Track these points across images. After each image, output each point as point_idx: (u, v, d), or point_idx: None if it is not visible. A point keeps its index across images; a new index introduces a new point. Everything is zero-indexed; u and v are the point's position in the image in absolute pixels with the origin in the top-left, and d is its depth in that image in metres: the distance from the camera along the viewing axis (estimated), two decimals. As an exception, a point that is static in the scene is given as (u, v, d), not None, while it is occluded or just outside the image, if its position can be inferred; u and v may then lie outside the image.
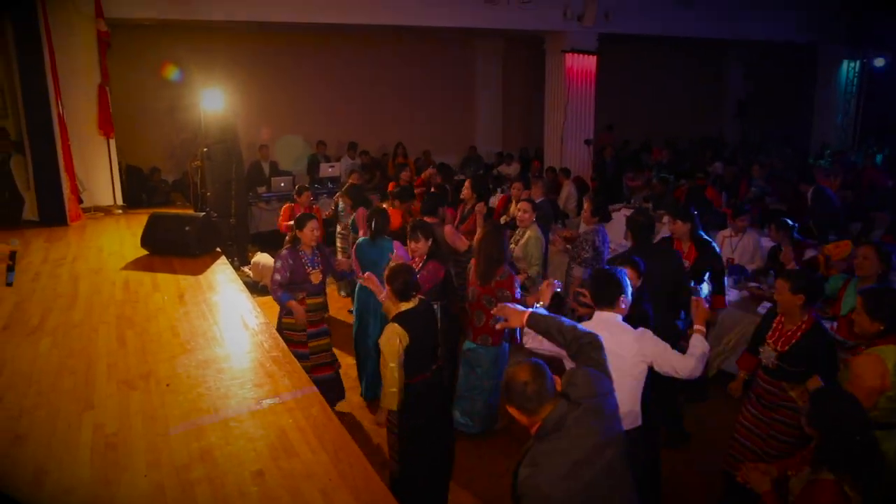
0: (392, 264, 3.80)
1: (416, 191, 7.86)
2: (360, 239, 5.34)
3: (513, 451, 4.53)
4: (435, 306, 4.37)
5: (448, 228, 5.92)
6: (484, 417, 4.85)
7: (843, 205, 7.91)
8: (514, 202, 7.12)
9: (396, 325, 3.53)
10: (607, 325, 3.11)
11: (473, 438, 4.79)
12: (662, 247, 5.08)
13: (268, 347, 4.20)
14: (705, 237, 5.10)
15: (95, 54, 7.84)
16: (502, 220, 6.87)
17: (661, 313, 3.97)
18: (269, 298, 6.93)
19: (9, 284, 4.35)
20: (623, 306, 3.22)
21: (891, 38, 13.20)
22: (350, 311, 6.25)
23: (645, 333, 3.17)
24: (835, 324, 4.45)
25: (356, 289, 5.36)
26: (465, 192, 6.50)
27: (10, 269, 4.30)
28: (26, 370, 3.91)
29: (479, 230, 4.87)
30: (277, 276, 4.70)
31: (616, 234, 7.25)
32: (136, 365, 3.97)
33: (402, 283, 3.58)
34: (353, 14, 9.08)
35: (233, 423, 3.26)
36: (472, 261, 4.81)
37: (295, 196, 7.33)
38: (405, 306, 3.60)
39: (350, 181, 7.52)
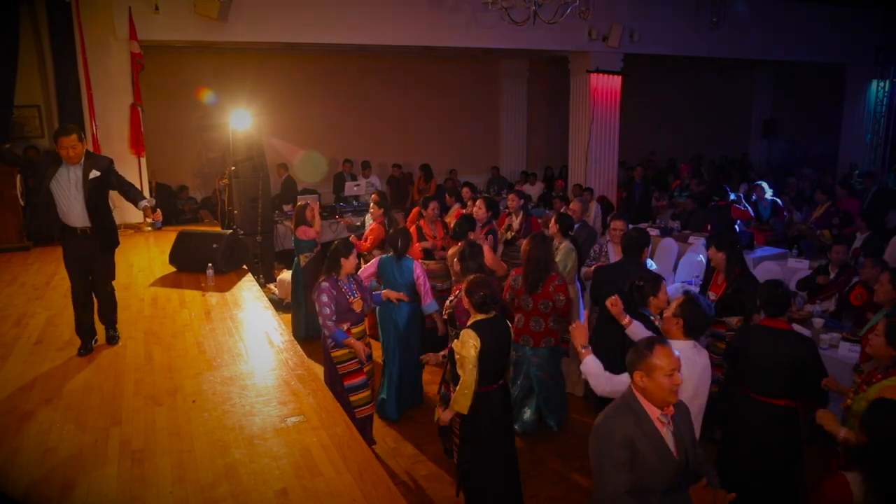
0: (472, 277, 3.87)
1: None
2: (384, 256, 5.38)
3: (568, 453, 4.71)
4: None
5: (488, 251, 5.94)
6: (564, 413, 5.19)
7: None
8: (512, 215, 7.12)
9: (471, 330, 3.63)
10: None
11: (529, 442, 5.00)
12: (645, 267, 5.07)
13: (293, 365, 4.22)
14: (748, 272, 4.81)
15: (129, 75, 8.04)
16: (508, 234, 6.88)
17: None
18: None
19: (158, 228, 4.86)
20: None
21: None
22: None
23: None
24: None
25: (377, 309, 5.36)
26: (479, 211, 6.55)
27: (155, 220, 4.85)
28: (57, 384, 3.97)
29: (525, 242, 5.00)
30: (327, 311, 4.36)
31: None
32: (162, 381, 4.01)
33: (482, 296, 3.70)
34: (378, 35, 9.19)
35: (257, 440, 3.26)
36: (514, 272, 4.98)
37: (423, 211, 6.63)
38: (481, 316, 3.71)
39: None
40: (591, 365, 3.21)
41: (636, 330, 3.67)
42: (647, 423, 2.53)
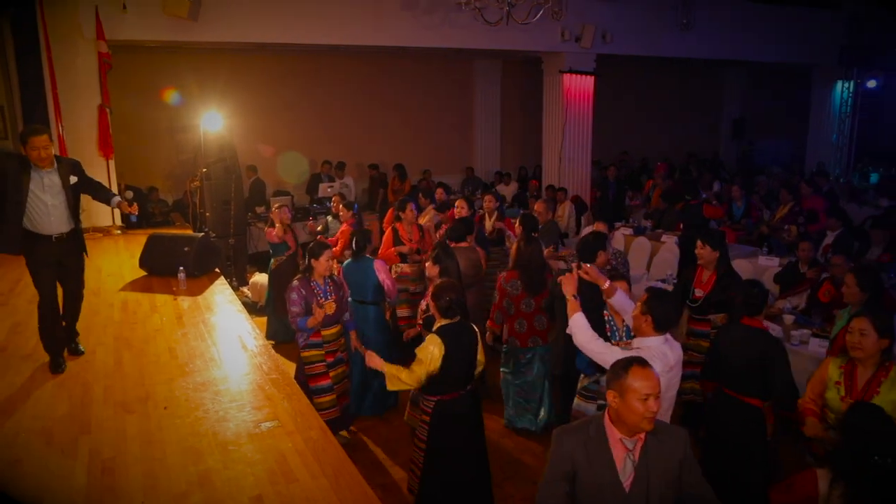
0: (439, 282, 3.82)
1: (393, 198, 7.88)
2: (347, 262, 5.34)
3: (544, 453, 4.63)
4: None
5: (481, 252, 5.97)
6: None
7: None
8: (486, 215, 7.14)
9: (436, 336, 3.56)
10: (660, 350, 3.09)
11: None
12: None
13: (267, 369, 4.17)
14: (733, 271, 4.77)
15: (96, 76, 7.85)
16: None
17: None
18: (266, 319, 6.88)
19: (133, 221, 4.68)
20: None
21: (883, 60, 13.32)
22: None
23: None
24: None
25: None
26: (462, 211, 6.55)
27: (132, 213, 4.60)
28: (23, 393, 3.87)
29: (513, 245, 5.02)
30: (295, 309, 4.46)
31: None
32: (133, 388, 3.93)
33: (448, 300, 3.63)
34: (351, 36, 9.13)
35: (231, 446, 3.22)
36: (506, 277, 4.92)
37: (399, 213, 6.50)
38: (446, 321, 3.66)
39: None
40: (579, 322, 3.30)
41: (619, 298, 3.64)
42: (599, 444, 2.38)
